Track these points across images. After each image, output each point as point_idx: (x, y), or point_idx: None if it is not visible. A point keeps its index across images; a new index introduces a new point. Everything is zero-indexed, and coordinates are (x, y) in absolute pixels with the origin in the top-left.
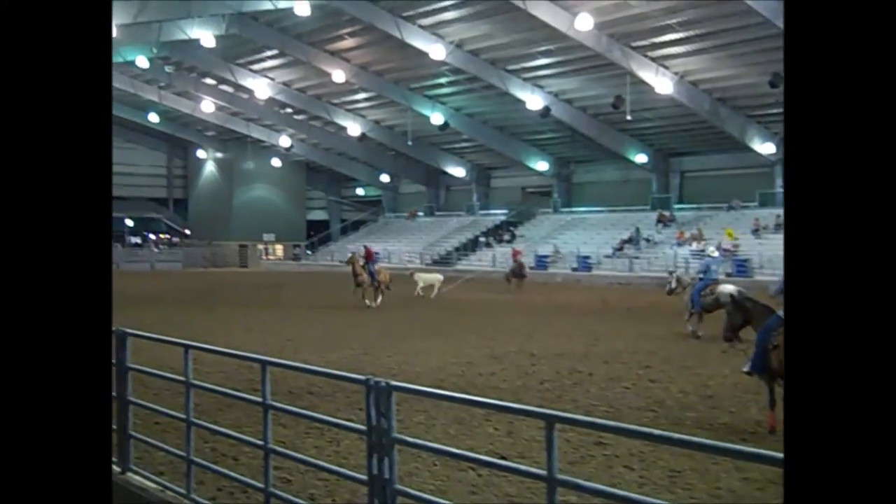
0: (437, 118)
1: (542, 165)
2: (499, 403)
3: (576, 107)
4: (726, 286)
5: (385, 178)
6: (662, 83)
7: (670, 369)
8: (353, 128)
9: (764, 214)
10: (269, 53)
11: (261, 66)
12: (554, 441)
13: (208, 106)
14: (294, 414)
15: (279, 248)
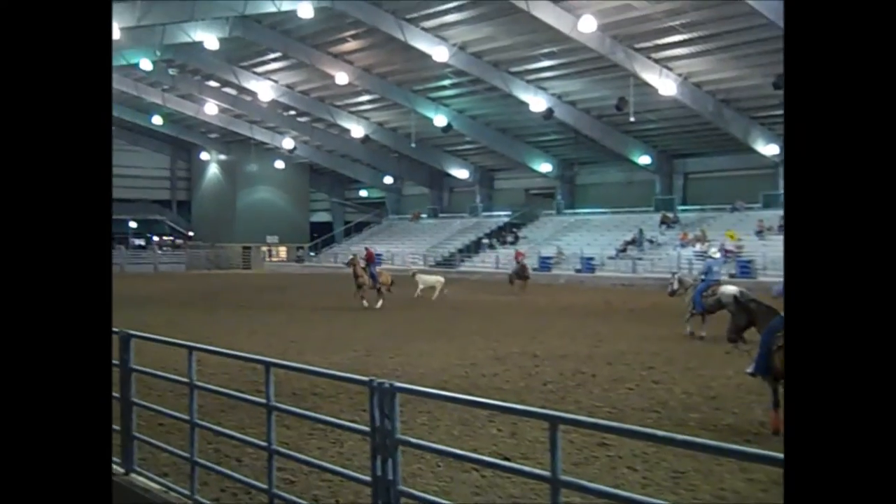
0: (440, 120)
1: (545, 167)
2: (502, 405)
3: (579, 108)
4: (728, 287)
5: (388, 179)
6: (666, 85)
7: (674, 370)
8: (357, 130)
9: (768, 216)
10: (272, 56)
11: (264, 68)
12: (558, 442)
13: (212, 108)
14: (298, 415)
15: (282, 250)
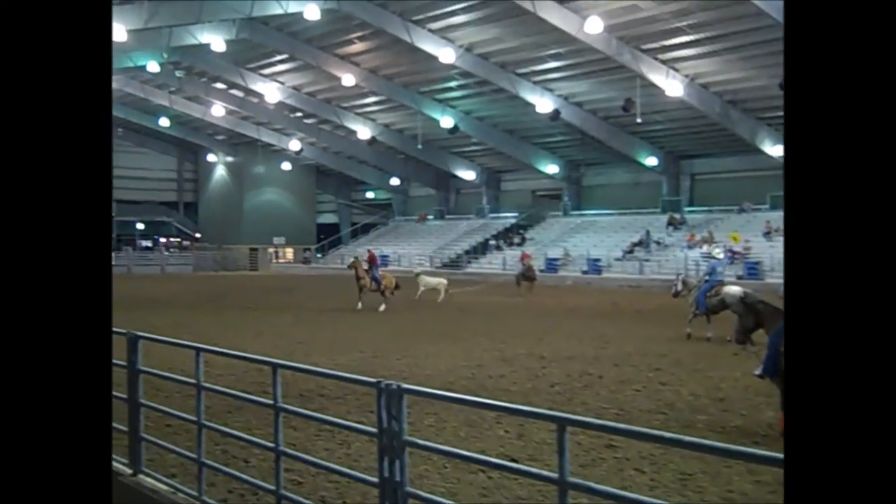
0: (446, 121)
1: (552, 168)
2: (510, 406)
3: (586, 110)
4: (732, 288)
5: (395, 181)
6: (673, 86)
7: (681, 372)
8: (363, 131)
9: (775, 217)
10: (279, 58)
11: (271, 70)
12: (565, 444)
13: (219, 110)
14: (305, 416)
15: (289, 252)
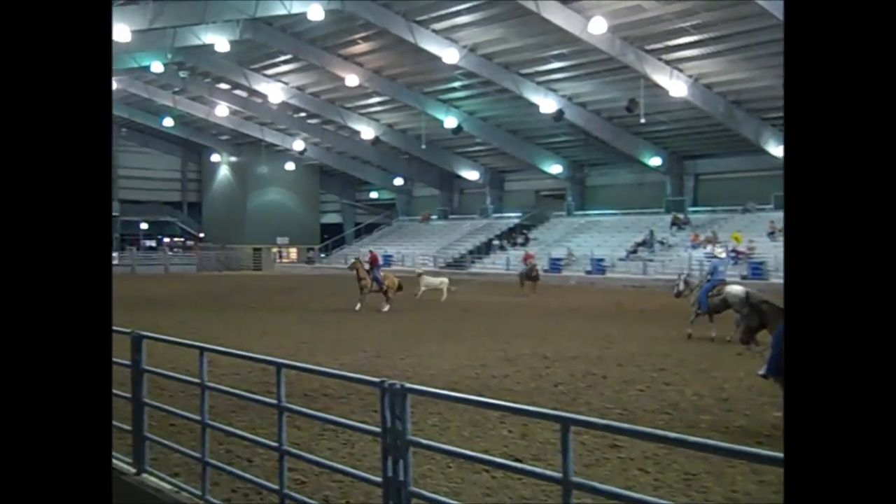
0: (450, 122)
1: (555, 168)
2: (514, 406)
3: (589, 110)
4: (734, 287)
5: (399, 181)
6: (677, 86)
7: (685, 372)
8: (367, 131)
9: (779, 217)
10: (282, 58)
11: (274, 70)
12: (569, 444)
13: (222, 110)
14: (308, 416)
15: (293, 252)
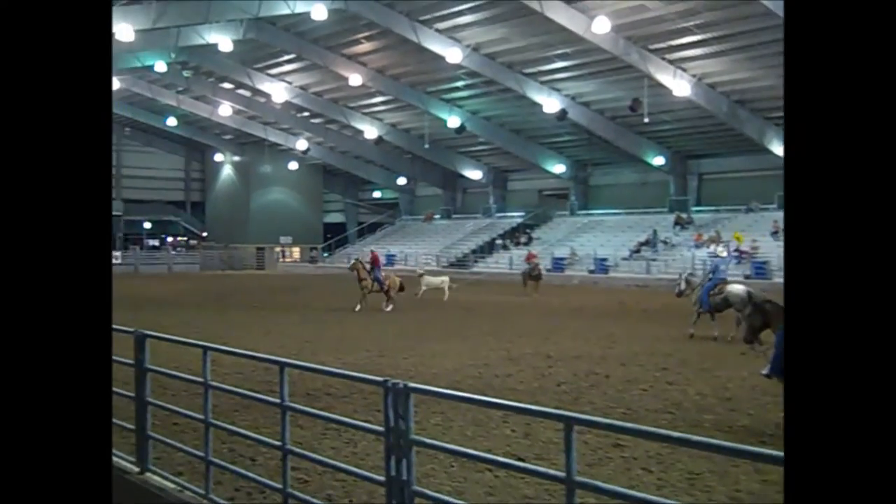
0: (453, 121)
1: (558, 168)
2: (517, 405)
3: (593, 109)
4: (735, 286)
5: (402, 180)
6: (680, 85)
7: (688, 371)
8: (370, 131)
9: (783, 217)
10: (286, 58)
11: (278, 70)
12: (572, 443)
13: (226, 110)
14: (311, 415)
15: (296, 251)
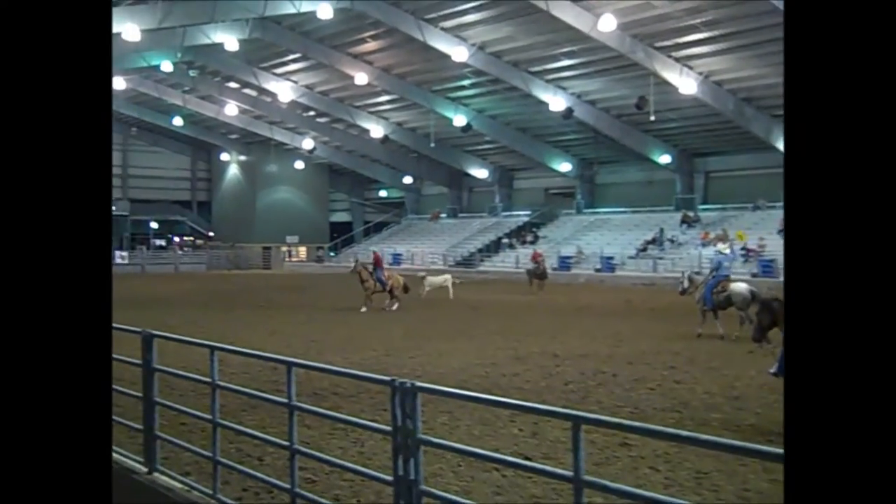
0: (459, 120)
1: (565, 167)
2: (524, 404)
3: (599, 108)
4: (738, 285)
5: (408, 179)
6: (686, 83)
7: (695, 370)
8: (376, 130)
9: None
10: (291, 57)
11: (284, 69)
12: (580, 442)
13: (232, 109)
14: (319, 415)
15: (302, 250)
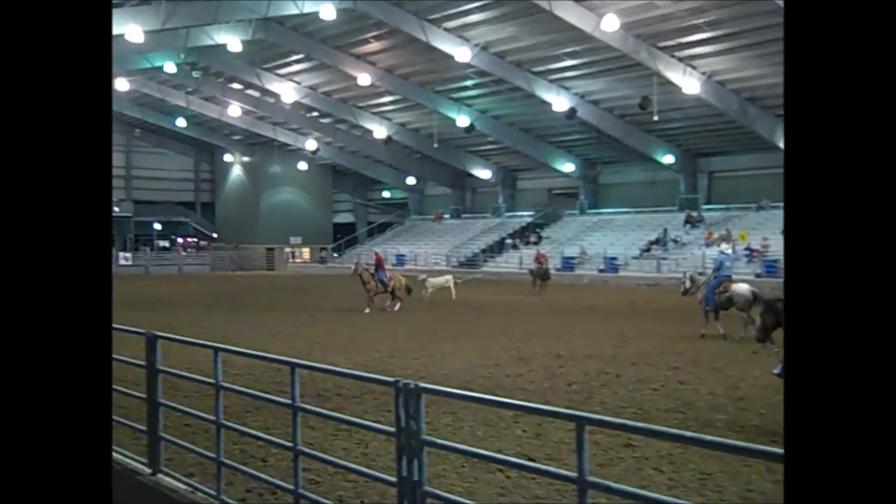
0: (462, 120)
1: (568, 167)
2: (528, 405)
3: (602, 108)
4: (740, 285)
5: (411, 180)
6: (690, 83)
7: (699, 371)
8: (379, 131)
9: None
10: (295, 58)
11: (287, 70)
12: (584, 443)
13: (235, 110)
14: (322, 416)
15: (306, 251)
